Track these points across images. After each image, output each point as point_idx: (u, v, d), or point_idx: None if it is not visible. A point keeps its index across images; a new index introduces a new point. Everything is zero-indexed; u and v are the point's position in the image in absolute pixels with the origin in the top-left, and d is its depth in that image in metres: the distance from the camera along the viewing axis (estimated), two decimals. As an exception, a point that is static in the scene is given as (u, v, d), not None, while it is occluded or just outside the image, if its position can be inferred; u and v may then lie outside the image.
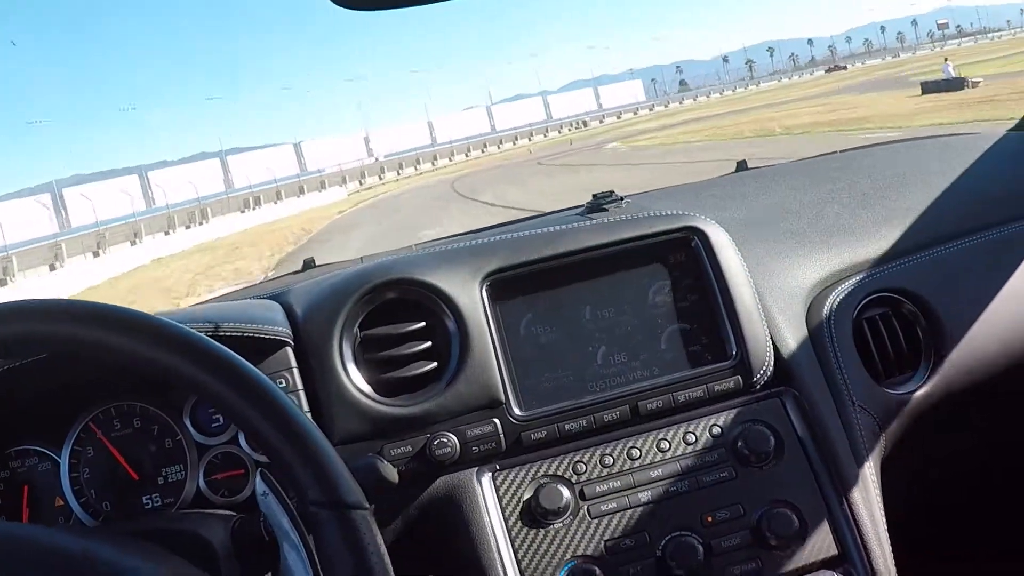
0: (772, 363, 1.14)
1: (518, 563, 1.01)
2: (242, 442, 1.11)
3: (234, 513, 0.98)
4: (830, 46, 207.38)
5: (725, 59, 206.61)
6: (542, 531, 1.03)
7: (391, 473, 0.95)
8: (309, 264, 1.43)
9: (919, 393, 1.24)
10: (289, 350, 1.09)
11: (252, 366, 0.74)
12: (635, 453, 1.08)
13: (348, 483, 0.72)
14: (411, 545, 1.05)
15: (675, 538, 1.02)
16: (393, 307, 1.11)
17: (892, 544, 1.08)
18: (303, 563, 0.73)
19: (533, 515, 1.03)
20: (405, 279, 1.10)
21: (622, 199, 1.30)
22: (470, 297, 1.10)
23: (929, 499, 1.55)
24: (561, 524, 1.03)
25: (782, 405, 1.13)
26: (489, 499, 1.05)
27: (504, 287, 1.12)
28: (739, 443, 1.08)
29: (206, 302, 1.34)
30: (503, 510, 1.04)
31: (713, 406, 1.12)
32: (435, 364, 1.09)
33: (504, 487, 1.06)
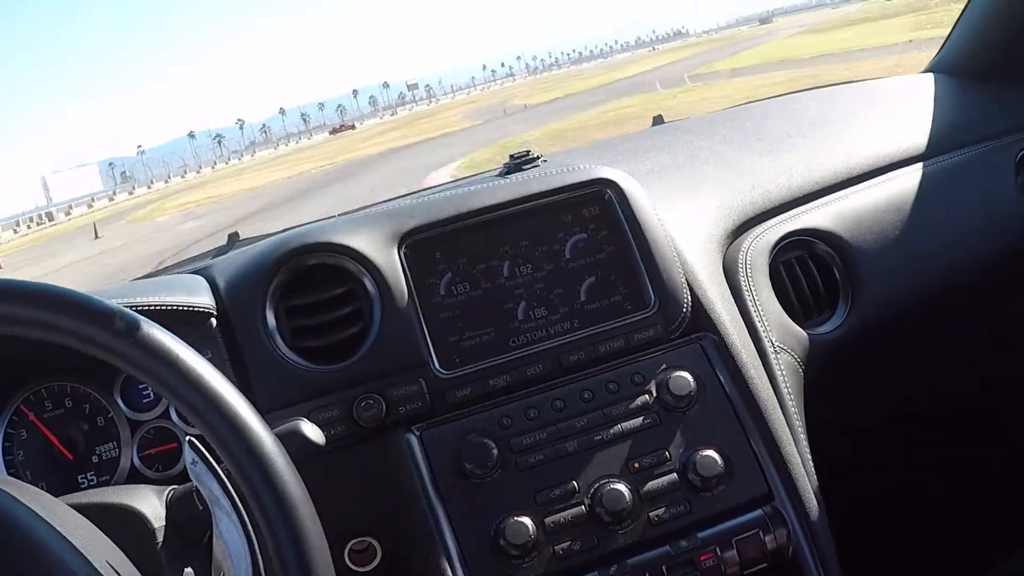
0: (690, 310, 1.15)
1: (450, 520, 1.02)
2: (173, 416, 1.12)
3: (167, 485, 0.99)
4: (303, 114, 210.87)
5: (191, 134, 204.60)
6: (472, 487, 1.04)
7: (316, 434, 0.93)
8: (234, 238, 1.44)
9: (839, 332, 1.26)
10: (214, 321, 1.10)
11: (184, 343, 0.73)
12: (559, 404, 1.09)
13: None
14: (345, 510, 1.05)
15: (603, 485, 1.03)
16: (317, 274, 1.11)
17: (821, 482, 1.10)
18: (236, 527, 0.74)
19: (462, 471, 1.04)
20: (322, 243, 1.11)
21: (538, 158, 1.30)
22: (389, 259, 1.11)
23: (857, 440, 1.58)
24: (490, 478, 1.04)
25: (702, 350, 1.14)
26: (419, 458, 1.05)
27: (423, 247, 1.13)
28: (661, 389, 1.10)
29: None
30: (432, 468, 1.05)
31: (635, 355, 1.14)
32: (358, 328, 1.10)
33: (432, 446, 1.06)
